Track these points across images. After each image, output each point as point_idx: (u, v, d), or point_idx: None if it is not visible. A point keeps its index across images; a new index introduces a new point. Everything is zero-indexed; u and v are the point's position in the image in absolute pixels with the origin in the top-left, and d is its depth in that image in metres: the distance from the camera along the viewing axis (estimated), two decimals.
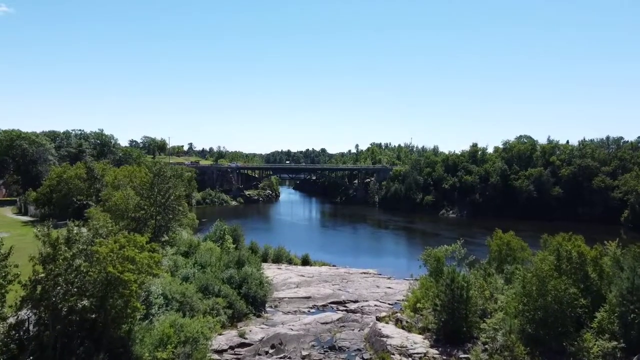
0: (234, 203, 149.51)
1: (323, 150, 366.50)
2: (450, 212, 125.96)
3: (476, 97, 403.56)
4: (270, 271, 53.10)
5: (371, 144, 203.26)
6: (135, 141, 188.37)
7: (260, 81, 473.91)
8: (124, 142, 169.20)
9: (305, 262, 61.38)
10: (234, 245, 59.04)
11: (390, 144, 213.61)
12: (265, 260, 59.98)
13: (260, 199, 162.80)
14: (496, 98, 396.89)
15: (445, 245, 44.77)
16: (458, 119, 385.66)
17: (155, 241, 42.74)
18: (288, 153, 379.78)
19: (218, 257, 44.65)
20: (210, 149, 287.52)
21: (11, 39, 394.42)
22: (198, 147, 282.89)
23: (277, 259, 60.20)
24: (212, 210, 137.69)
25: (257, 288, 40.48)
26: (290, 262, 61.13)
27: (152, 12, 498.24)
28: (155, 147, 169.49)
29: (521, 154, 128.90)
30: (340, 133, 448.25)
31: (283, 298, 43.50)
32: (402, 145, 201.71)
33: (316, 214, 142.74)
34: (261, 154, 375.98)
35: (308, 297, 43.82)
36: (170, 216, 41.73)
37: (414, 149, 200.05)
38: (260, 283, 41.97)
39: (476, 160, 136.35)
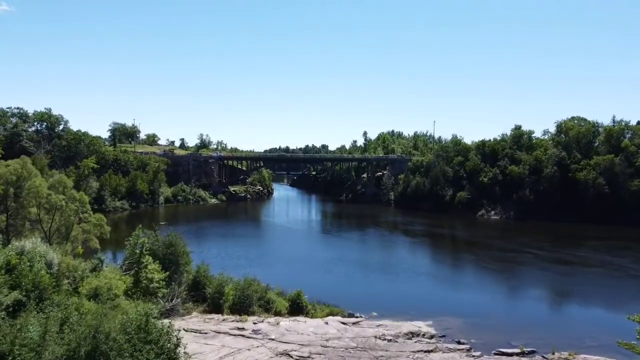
0: (213, 201, 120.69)
1: (324, 146, 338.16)
2: (492, 212, 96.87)
3: (493, 86, 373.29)
4: (217, 341, 24.41)
5: (380, 134, 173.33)
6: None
7: (259, 79, 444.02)
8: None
9: (297, 307, 32.63)
10: (164, 274, 31.01)
11: (402, 133, 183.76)
12: (217, 309, 31.17)
13: (249, 196, 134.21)
14: (524, 80, 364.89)
15: None
16: (477, 107, 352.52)
17: None
18: (287, 150, 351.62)
19: (41, 333, 15.87)
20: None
21: (11, 38, 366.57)
22: (191, 143, 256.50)
23: (242, 305, 31.27)
24: (186, 209, 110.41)
25: None
26: (267, 307, 32.31)
27: (152, 11, 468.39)
28: (121, 133, 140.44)
29: (580, 138, 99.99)
30: (342, 131, 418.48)
31: None
32: (419, 133, 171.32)
33: (316, 216, 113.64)
34: (259, 152, 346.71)
35: None
36: None
37: (431, 139, 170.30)
38: None
39: (521, 146, 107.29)
